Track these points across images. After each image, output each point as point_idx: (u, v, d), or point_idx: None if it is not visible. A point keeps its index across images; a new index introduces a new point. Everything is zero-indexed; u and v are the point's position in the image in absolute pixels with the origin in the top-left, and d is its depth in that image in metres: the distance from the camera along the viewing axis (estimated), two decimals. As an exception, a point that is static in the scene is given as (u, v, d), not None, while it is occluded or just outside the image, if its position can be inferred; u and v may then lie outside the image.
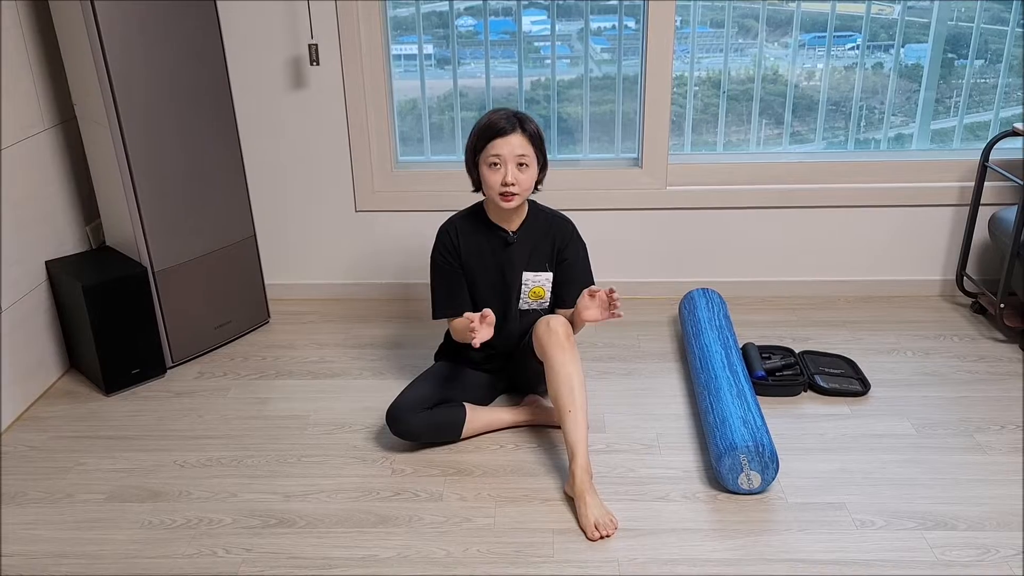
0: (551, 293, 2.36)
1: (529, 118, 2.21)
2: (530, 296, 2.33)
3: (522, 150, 2.17)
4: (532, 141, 2.19)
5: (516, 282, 2.33)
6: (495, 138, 2.16)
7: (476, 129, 2.22)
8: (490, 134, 2.17)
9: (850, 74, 3.00)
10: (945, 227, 3.05)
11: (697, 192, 3.03)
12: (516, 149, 2.16)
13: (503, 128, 2.16)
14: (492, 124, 2.18)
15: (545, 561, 1.89)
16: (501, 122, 2.17)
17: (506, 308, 2.35)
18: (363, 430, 2.40)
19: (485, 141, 2.18)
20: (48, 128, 2.62)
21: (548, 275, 2.34)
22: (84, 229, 2.81)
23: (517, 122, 2.18)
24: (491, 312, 2.11)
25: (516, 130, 2.17)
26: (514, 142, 2.16)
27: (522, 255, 2.32)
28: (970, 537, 1.93)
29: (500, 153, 2.16)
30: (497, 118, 2.18)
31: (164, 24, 2.47)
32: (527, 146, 2.18)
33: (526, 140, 2.18)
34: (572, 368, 2.13)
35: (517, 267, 2.32)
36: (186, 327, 2.75)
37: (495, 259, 2.32)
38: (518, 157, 2.17)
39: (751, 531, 1.97)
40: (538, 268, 2.33)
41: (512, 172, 2.16)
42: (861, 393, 2.51)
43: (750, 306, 3.10)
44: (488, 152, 2.18)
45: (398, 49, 2.99)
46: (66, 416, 2.50)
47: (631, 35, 2.93)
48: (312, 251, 3.18)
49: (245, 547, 1.95)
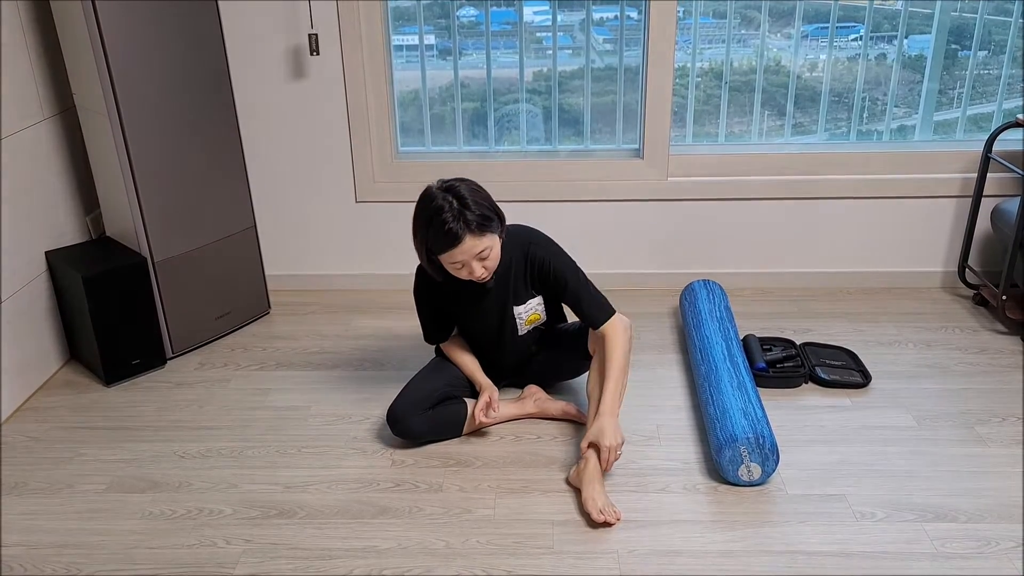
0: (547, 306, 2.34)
1: (469, 204, 2.00)
2: (527, 323, 2.31)
3: (479, 247, 2.03)
4: (484, 231, 2.03)
5: (507, 318, 2.28)
6: (448, 249, 2.02)
7: (423, 228, 2.04)
8: (441, 245, 2.02)
9: (853, 65, 2.98)
10: (947, 219, 3.05)
11: (698, 183, 3.03)
12: (474, 249, 2.02)
13: (454, 237, 1.99)
14: (439, 232, 2.00)
15: (545, 552, 1.89)
16: (452, 228, 1.98)
17: (503, 341, 2.34)
18: (363, 421, 2.40)
19: (439, 249, 2.04)
20: (47, 118, 2.62)
21: (538, 299, 2.29)
22: (84, 219, 2.81)
23: (463, 225, 1.99)
24: (495, 395, 2.24)
25: (466, 234, 2.00)
26: (468, 245, 2.01)
27: (503, 295, 2.25)
28: (970, 529, 1.93)
29: (459, 260, 2.04)
30: (445, 221, 1.99)
31: (164, 13, 2.46)
32: (482, 239, 2.03)
33: (479, 236, 2.02)
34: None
35: (504, 305, 2.26)
36: (186, 318, 2.75)
37: (478, 302, 2.27)
38: (478, 255, 2.04)
39: (751, 523, 1.97)
40: (525, 299, 2.26)
41: (477, 266, 2.06)
42: (862, 385, 2.50)
43: (751, 297, 3.09)
44: (447, 261, 2.06)
45: (399, 40, 2.98)
46: (66, 407, 2.50)
47: (633, 25, 2.91)
48: (312, 242, 3.18)
49: (245, 538, 1.95)
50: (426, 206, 2.04)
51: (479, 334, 2.35)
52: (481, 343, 2.38)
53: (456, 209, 2.00)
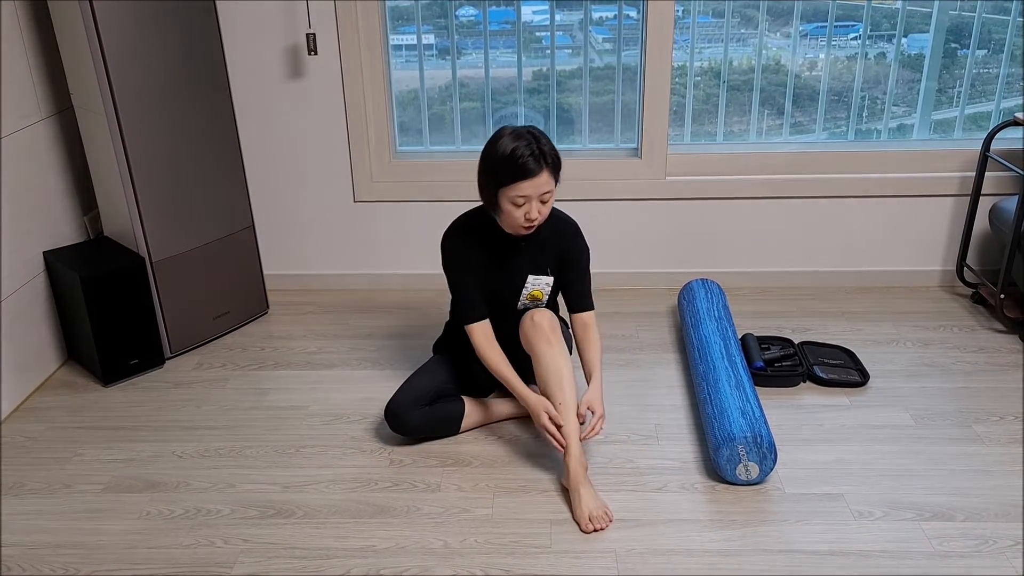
0: (550, 296, 2.34)
1: (546, 145, 2.07)
2: (528, 298, 2.32)
3: (547, 187, 2.07)
4: (555, 173, 2.09)
5: (520, 285, 2.30)
6: (522, 179, 2.04)
7: (498, 160, 2.06)
8: (518, 174, 2.03)
9: (851, 64, 2.98)
10: (945, 217, 3.05)
11: (697, 182, 3.02)
12: (542, 188, 2.06)
13: (531, 169, 2.03)
14: (519, 163, 2.03)
15: (543, 552, 1.89)
16: (528, 161, 2.03)
17: (508, 309, 2.33)
18: (361, 421, 2.40)
19: (511, 179, 2.04)
20: (45, 118, 2.62)
21: (549, 279, 2.30)
22: (82, 219, 2.81)
23: (543, 159, 2.05)
24: (551, 408, 2.10)
25: (543, 169, 2.05)
26: (541, 181, 2.05)
27: (529, 258, 2.27)
28: (968, 528, 1.93)
29: (527, 194, 2.06)
30: (522, 154, 2.03)
31: (162, 13, 2.46)
32: (551, 181, 2.08)
33: (551, 176, 2.08)
34: (560, 361, 2.13)
35: (523, 269, 2.27)
36: (184, 318, 2.75)
37: (503, 264, 2.27)
38: (543, 195, 2.08)
39: (749, 522, 1.97)
40: (541, 272, 2.29)
41: (536, 207, 2.08)
42: (860, 384, 2.51)
43: (749, 296, 3.09)
44: (514, 191, 2.05)
45: (398, 39, 2.98)
46: (64, 407, 2.50)
47: (632, 25, 2.91)
48: (310, 241, 3.18)
49: (243, 538, 1.95)
50: (501, 139, 2.08)
51: (489, 297, 2.30)
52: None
53: (535, 146, 2.05)
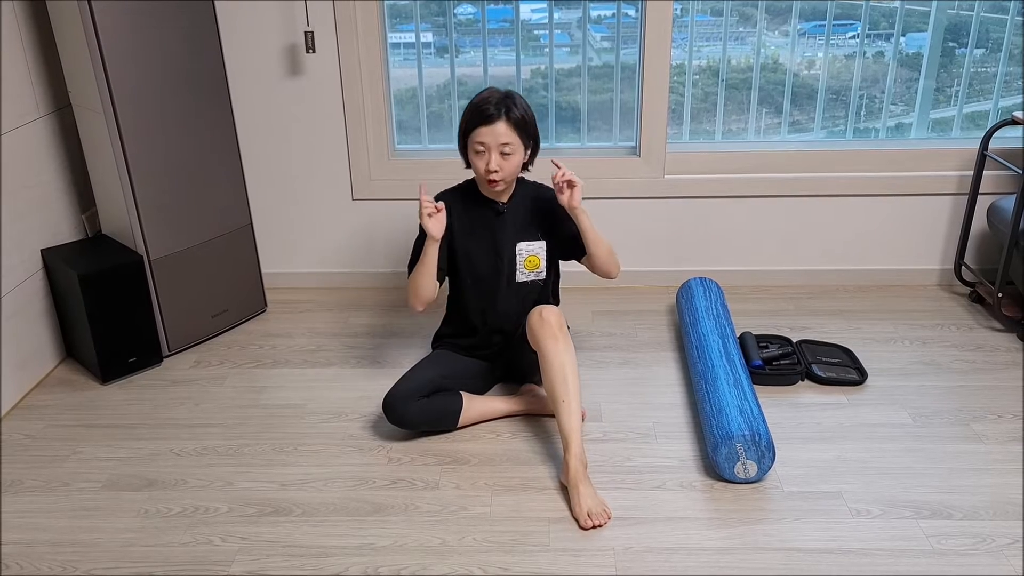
0: (547, 263, 2.37)
1: (516, 102, 2.18)
2: (526, 266, 2.34)
3: (506, 138, 2.16)
4: (517, 127, 2.17)
5: (510, 253, 2.33)
6: (480, 125, 2.16)
7: (467, 108, 2.21)
8: (476, 120, 2.17)
9: (850, 63, 2.98)
10: (944, 216, 3.05)
11: (695, 181, 3.02)
12: (500, 137, 2.16)
13: (490, 115, 2.15)
14: (479, 109, 2.16)
15: (541, 549, 1.89)
16: (488, 107, 2.15)
17: (502, 281, 2.35)
18: (360, 419, 2.40)
19: (471, 126, 2.18)
20: (43, 116, 2.61)
21: (541, 243, 2.35)
22: (80, 217, 2.80)
23: (503, 108, 2.15)
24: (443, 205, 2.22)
25: (501, 118, 2.15)
26: (499, 130, 2.15)
27: (513, 225, 2.33)
28: (966, 526, 1.93)
29: (484, 141, 2.17)
30: (484, 101, 2.17)
31: (160, 11, 2.46)
32: (511, 134, 2.17)
33: (511, 128, 2.16)
34: (565, 358, 2.13)
35: (510, 238, 2.33)
36: (183, 316, 2.75)
37: (488, 232, 2.33)
38: (501, 146, 2.16)
39: (747, 520, 1.97)
40: (531, 238, 2.34)
41: (495, 160, 2.17)
42: (858, 382, 2.51)
43: (748, 295, 3.09)
44: (473, 138, 2.19)
45: (396, 37, 2.98)
46: (62, 405, 2.50)
47: (630, 23, 2.91)
48: (309, 239, 3.17)
49: (241, 536, 1.95)
50: (479, 94, 2.21)
51: (482, 268, 2.34)
52: (481, 289, 2.36)
53: (502, 99, 2.17)
